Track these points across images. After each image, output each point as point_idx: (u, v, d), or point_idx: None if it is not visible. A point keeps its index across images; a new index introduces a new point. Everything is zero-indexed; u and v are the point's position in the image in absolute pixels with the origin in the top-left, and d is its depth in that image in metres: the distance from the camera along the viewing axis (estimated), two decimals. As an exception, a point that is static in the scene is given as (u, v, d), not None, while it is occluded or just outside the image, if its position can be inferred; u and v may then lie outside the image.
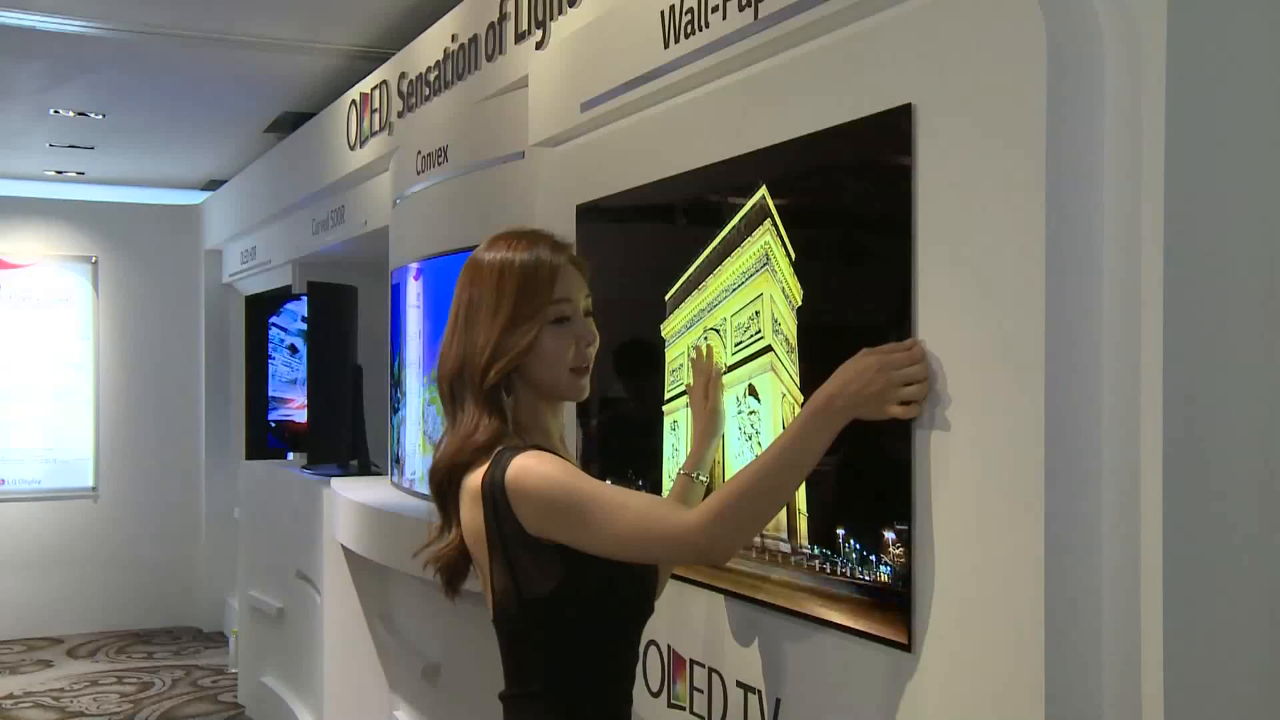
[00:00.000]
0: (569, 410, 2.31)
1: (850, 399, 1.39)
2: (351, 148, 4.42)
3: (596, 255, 2.28)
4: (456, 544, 1.56)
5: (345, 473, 4.47)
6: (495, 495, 1.45)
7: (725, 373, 1.82)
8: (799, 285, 1.66)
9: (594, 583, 1.47)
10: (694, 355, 1.91)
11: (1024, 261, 1.30)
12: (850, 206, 1.61)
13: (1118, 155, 1.29)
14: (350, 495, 3.78)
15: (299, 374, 5.08)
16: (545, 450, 1.51)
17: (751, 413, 1.75)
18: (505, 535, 1.46)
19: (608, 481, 2.12)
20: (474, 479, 1.50)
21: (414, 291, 3.53)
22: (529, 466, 1.44)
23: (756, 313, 1.75)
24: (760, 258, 1.73)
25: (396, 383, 3.77)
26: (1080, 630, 1.28)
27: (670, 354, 2.01)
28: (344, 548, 4.02)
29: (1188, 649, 1.26)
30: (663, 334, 2.03)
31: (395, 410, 3.79)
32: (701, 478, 1.76)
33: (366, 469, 4.48)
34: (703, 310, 1.90)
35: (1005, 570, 1.33)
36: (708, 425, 1.79)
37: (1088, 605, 1.28)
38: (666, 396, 2.02)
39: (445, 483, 1.55)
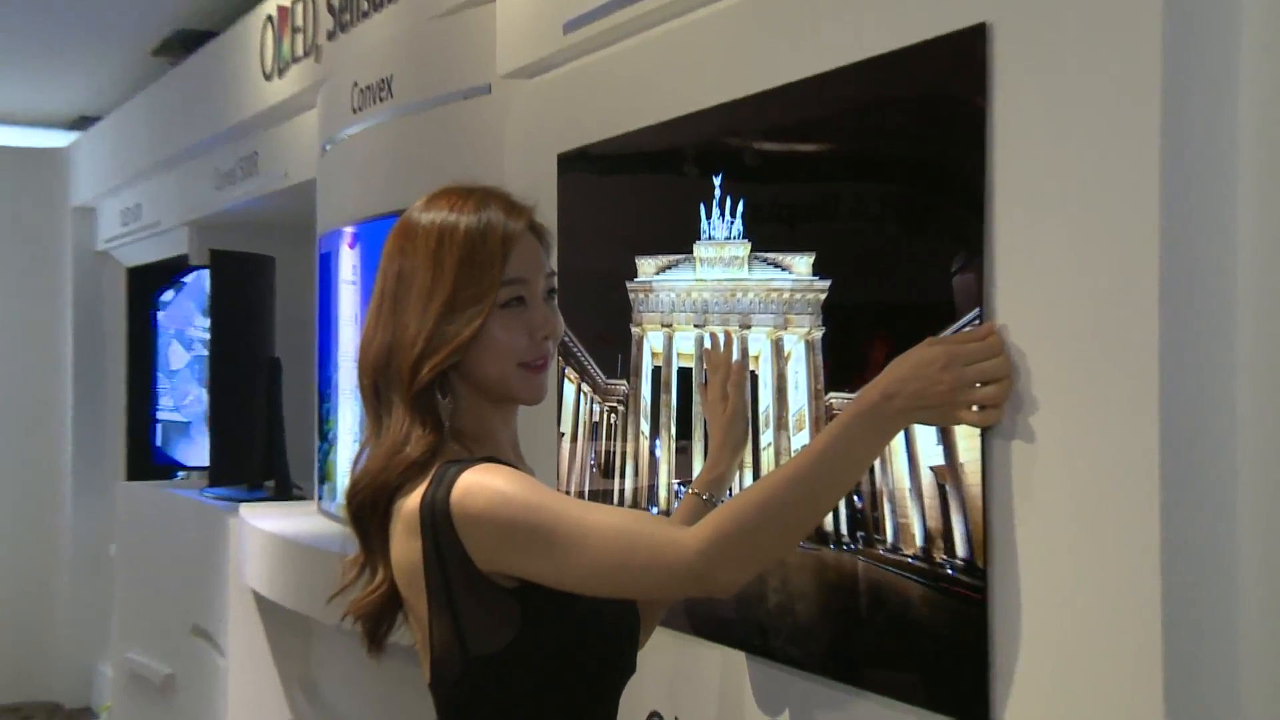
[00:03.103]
0: (541, 413, 2.33)
1: (910, 399, 1.41)
2: (267, 77, 4.44)
3: (584, 216, 2.30)
4: (384, 586, 1.59)
5: (258, 496, 4.49)
6: (437, 522, 1.48)
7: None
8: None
9: (559, 635, 1.50)
10: (708, 346, 1.93)
11: (1133, 228, 1.32)
12: (906, 156, 1.62)
13: (1257, 94, 1.30)
14: (264, 525, 3.80)
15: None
16: (498, 462, 1.53)
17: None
18: (449, 574, 1.49)
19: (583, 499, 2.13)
20: (409, 504, 1.52)
21: (348, 263, 3.55)
22: (479, 482, 1.47)
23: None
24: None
25: (326, 380, 3.79)
26: (1210, 706, 1.29)
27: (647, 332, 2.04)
28: (255, 594, 4.04)
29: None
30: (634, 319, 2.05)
31: (324, 416, 3.81)
32: (718, 501, 1.78)
33: (286, 491, 4.49)
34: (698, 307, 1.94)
35: (1110, 623, 1.34)
36: (727, 434, 1.81)
37: (1219, 672, 1.29)
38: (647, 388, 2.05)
39: (368, 508, 1.57)
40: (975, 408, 1.44)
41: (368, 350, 1.59)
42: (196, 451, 5.21)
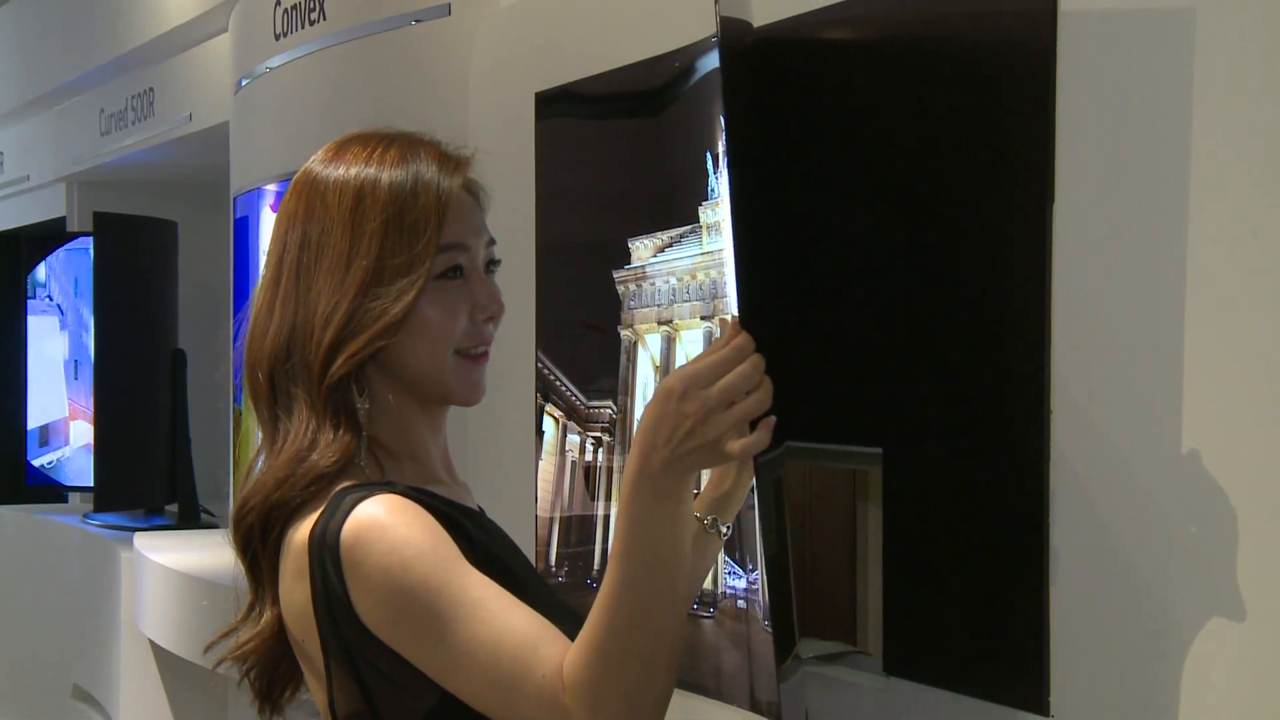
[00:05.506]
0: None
1: (667, 448, 1.37)
2: (167, -6, 4.44)
3: (569, 175, 2.27)
4: (272, 631, 1.59)
5: (157, 523, 4.49)
6: (325, 562, 1.48)
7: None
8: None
9: None
10: (718, 337, 1.93)
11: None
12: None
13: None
14: (165, 560, 3.79)
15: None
16: (411, 494, 1.52)
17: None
18: (342, 626, 1.48)
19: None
20: (299, 535, 1.52)
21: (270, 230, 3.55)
22: (377, 524, 1.46)
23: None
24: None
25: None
26: None
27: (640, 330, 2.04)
28: (153, 645, 4.04)
29: None
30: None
31: (240, 421, 3.80)
32: (722, 528, 1.79)
33: (193, 516, 4.51)
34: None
35: None
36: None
37: None
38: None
39: (259, 533, 1.57)
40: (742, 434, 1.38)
41: (260, 338, 1.60)
42: (80, 468, 5.21)
